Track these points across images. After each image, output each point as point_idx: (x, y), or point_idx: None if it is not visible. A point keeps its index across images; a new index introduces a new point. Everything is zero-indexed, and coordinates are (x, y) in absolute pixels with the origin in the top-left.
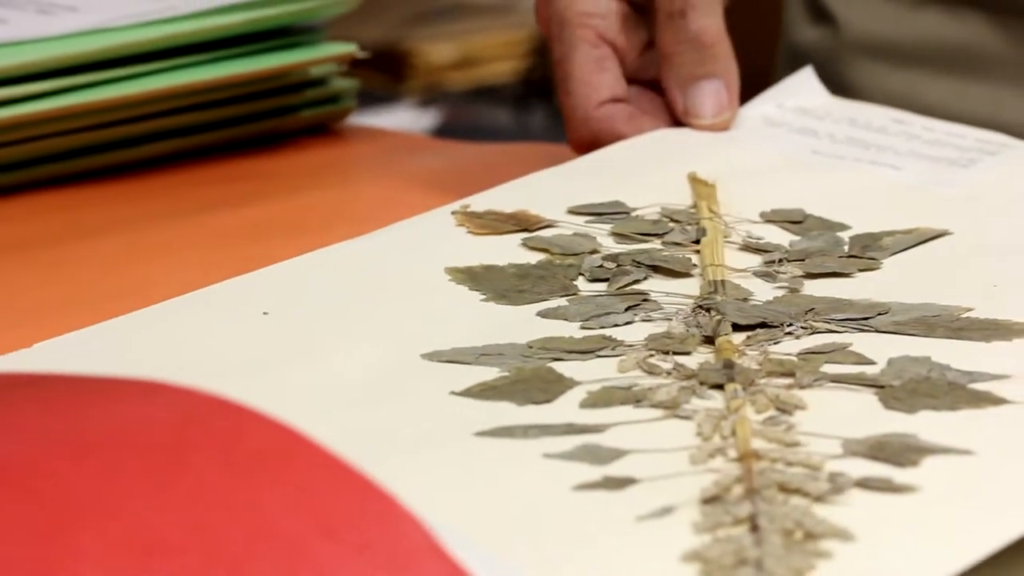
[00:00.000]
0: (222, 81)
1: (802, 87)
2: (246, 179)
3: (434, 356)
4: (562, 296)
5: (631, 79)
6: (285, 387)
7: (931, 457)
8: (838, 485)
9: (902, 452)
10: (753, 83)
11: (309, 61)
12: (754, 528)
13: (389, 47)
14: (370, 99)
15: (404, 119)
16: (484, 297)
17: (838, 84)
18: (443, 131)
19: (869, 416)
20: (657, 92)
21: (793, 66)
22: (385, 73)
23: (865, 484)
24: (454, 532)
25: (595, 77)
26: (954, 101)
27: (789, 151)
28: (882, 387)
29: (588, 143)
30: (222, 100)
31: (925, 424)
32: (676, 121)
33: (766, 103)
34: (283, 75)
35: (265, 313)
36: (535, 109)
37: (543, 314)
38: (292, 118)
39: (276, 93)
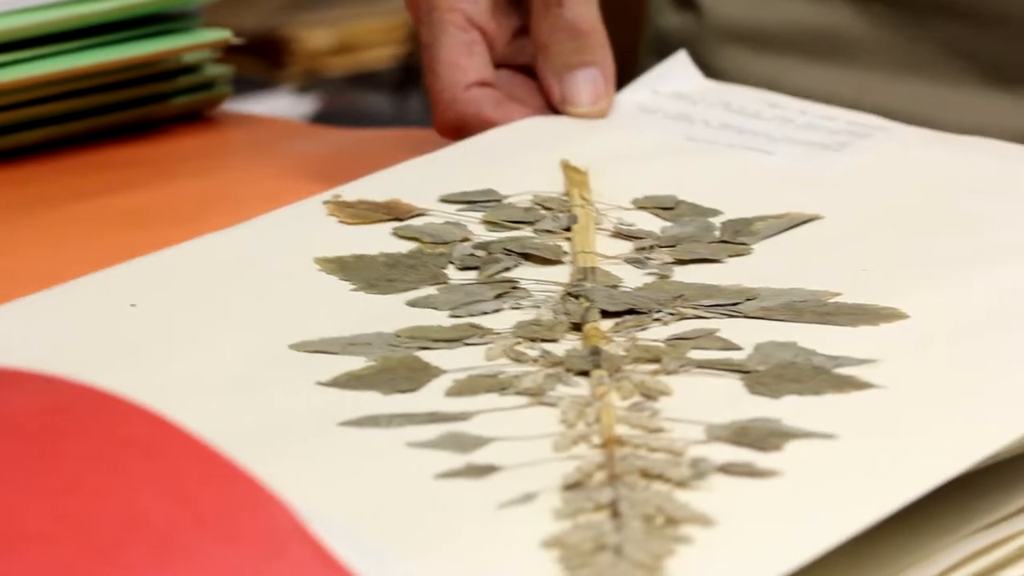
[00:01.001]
0: (95, 68)
1: (677, 72)
2: (120, 167)
3: (301, 346)
4: (432, 285)
5: (501, 64)
6: (152, 379)
7: (793, 442)
8: (700, 471)
9: (765, 437)
10: (619, 70)
11: (182, 48)
12: (615, 514)
13: (267, 33)
14: (248, 86)
15: (282, 105)
16: (354, 287)
17: (703, 70)
18: (321, 117)
19: (734, 401)
20: (527, 77)
21: (658, 52)
22: (263, 59)
23: (727, 469)
24: (322, 521)
25: (463, 60)
26: (819, 86)
27: (663, 138)
28: (748, 372)
29: (454, 126)
30: (95, 87)
31: (789, 409)
32: (547, 107)
33: (641, 90)
34: (156, 62)
35: (133, 305)
36: (414, 94)
37: (412, 303)
38: (166, 105)
39: (150, 80)
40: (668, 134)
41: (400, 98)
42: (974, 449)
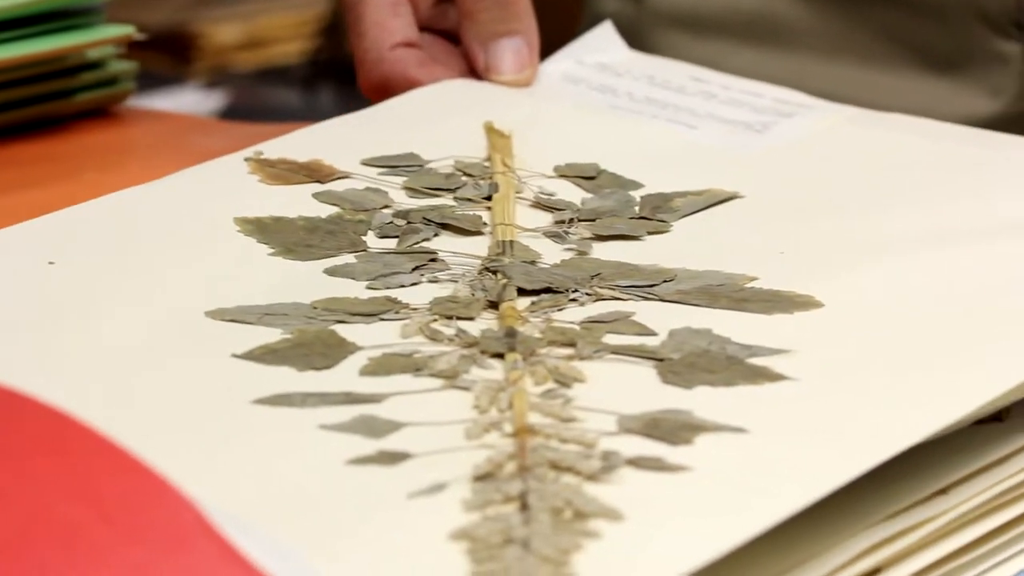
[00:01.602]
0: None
1: (602, 43)
2: (24, 163)
3: (218, 314)
4: (351, 252)
5: (424, 28)
6: (64, 347)
7: (705, 435)
8: (610, 464)
9: (676, 430)
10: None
11: (85, 44)
12: (524, 507)
13: (174, 29)
14: (155, 81)
15: (190, 101)
16: (272, 251)
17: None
18: (230, 113)
19: (646, 391)
20: (450, 43)
21: None
22: (171, 55)
23: (637, 463)
24: (229, 511)
25: (389, 21)
26: (757, 71)
27: (587, 108)
28: (661, 360)
29: (379, 85)
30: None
31: (701, 400)
32: (469, 73)
33: (566, 59)
34: (60, 58)
35: (51, 262)
36: (323, 89)
37: (330, 271)
38: (69, 101)
39: (53, 76)
40: (592, 104)
41: (309, 93)
42: (883, 447)
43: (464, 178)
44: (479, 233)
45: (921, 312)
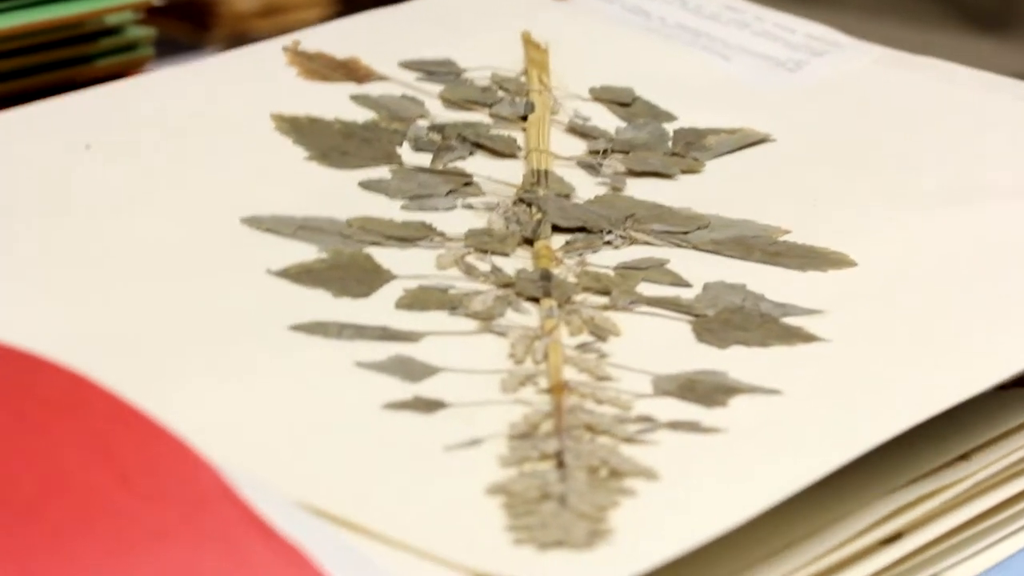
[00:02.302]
0: (16, 31)
1: None
2: None
3: (253, 222)
4: (385, 165)
5: None
6: (94, 243)
7: (739, 396)
8: (646, 428)
9: (711, 393)
10: None
11: (104, 9)
12: (560, 464)
13: None
14: (173, 48)
15: None
16: (308, 155)
17: None
18: None
19: (681, 348)
20: None
21: None
22: (189, 21)
23: (673, 426)
24: (252, 468)
25: None
26: None
27: (623, 27)
28: (696, 316)
29: None
30: (16, 50)
31: (736, 360)
32: None
33: None
34: (78, 24)
35: (88, 146)
36: None
37: (365, 185)
38: (88, 67)
39: (72, 42)
40: (627, 23)
41: None
42: (917, 410)
43: (500, 93)
44: (513, 157)
45: (956, 272)
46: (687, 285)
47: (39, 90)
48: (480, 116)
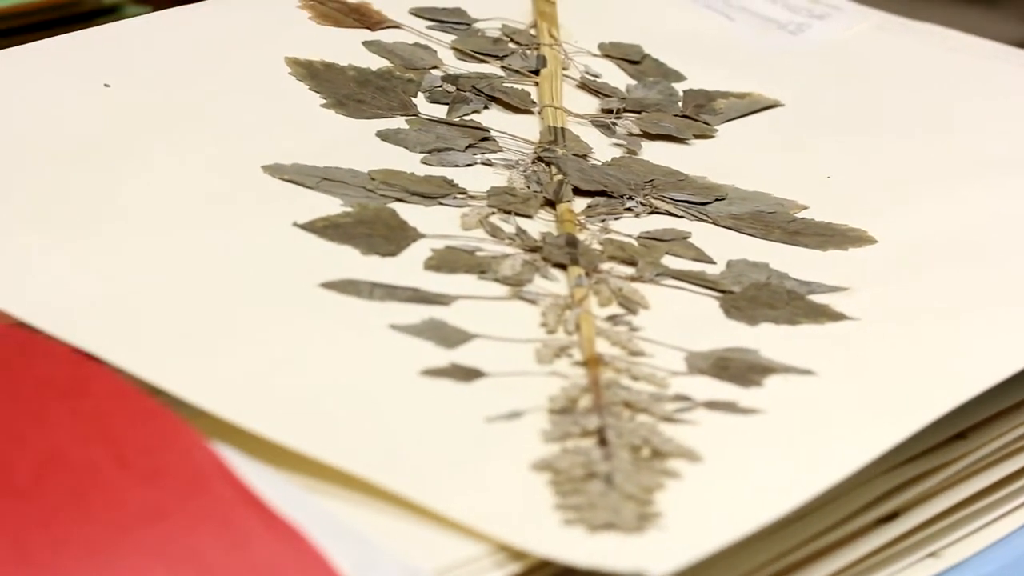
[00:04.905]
0: (12, 9)
1: None
2: None
3: (275, 171)
4: (401, 115)
5: None
6: (118, 187)
7: (773, 377)
8: (684, 407)
9: (745, 372)
10: None
11: None
12: (602, 442)
13: None
14: None
15: None
16: (324, 102)
17: None
18: None
19: (710, 325)
20: None
21: None
22: (184, 3)
23: (711, 406)
24: (285, 417)
25: None
26: None
27: None
28: (722, 292)
29: None
30: (12, 28)
31: (766, 338)
32: None
33: None
34: (75, 3)
35: (107, 85)
36: None
37: (383, 136)
38: None
39: (69, 21)
40: None
41: None
42: (951, 394)
43: (512, 45)
44: (528, 112)
45: (975, 247)
46: (711, 262)
47: None
48: (492, 68)
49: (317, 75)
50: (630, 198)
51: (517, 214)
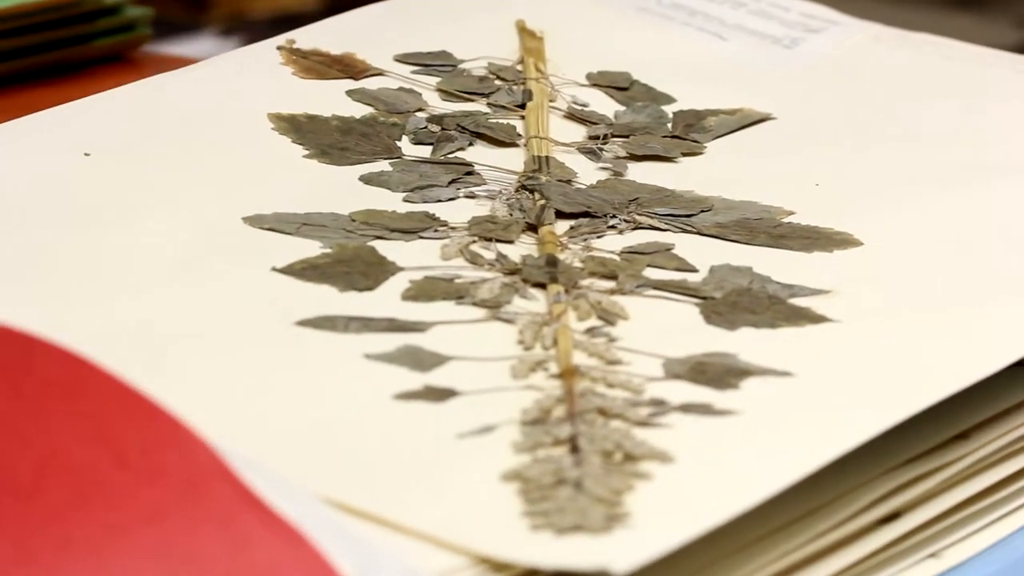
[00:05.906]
0: (13, 10)
1: None
2: (41, 109)
3: (255, 221)
4: (385, 159)
5: None
6: (99, 249)
7: (751, 379)
8: (658, 412)
9: (722, 375)
10: None
11: None
12: (574, 449)
13: None
14: (171, 29)
15: (206, 48)
16: (307, 153)
17: None
18: None
19: (690, 331)
20: None
21: None
22: (186, 2)
23: (685, 409)
24: (254, 451)
25: None
26: None
27: (617, 8)
28: (704, 298)
29: None
30: (14, 29)
31: (745, 342)
32: None
33: None
34: (76, 3)
35: (87, 154)
36: None
37: (365, 179)
38: (86, 47)
39: (70, 22)
40: (621, 5)
41: None
42: (929, 392)
43: (497, 82)
44: (514, 144)
45: (962, 251)
46: (693, 270)
47: (37, 70)
48: (478, 106)
49: (300, 128)
50: (613, 216)
51: (498, 240)
